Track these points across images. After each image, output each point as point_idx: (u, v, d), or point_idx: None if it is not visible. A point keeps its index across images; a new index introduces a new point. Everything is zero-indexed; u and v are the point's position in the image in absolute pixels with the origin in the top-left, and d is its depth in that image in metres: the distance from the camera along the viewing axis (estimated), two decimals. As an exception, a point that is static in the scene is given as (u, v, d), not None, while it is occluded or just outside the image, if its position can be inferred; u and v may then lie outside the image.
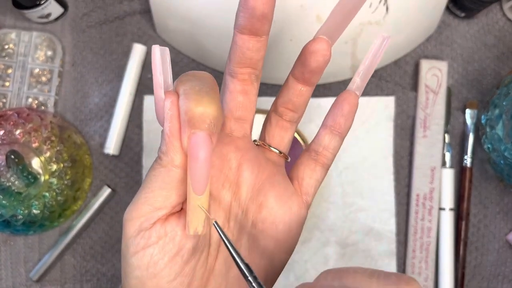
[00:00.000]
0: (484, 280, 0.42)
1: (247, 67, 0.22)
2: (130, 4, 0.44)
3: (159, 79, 0.20)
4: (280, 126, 0.25)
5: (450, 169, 0.43)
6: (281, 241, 0.24)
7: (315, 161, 0.25)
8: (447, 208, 0.42)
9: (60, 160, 0.40)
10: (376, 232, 0.43)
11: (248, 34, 0.21)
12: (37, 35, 0.44)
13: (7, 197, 0.38)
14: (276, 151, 0.25)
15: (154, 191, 0.21)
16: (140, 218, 0.21)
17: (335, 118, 0.25)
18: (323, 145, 0.25)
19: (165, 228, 0.21)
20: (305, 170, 0.25)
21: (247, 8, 0.20)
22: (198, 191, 0.20)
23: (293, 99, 0.24)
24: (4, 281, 0.42)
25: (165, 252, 0.21)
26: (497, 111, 0.38)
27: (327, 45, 0.22)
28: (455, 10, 0.43)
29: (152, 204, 0.21)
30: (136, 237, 0.21)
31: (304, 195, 0.25)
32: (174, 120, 0.20)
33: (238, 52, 0.22)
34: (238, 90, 0.23)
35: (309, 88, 0.24)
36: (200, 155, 0.19)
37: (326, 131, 0.25)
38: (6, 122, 0.39)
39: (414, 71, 0.44)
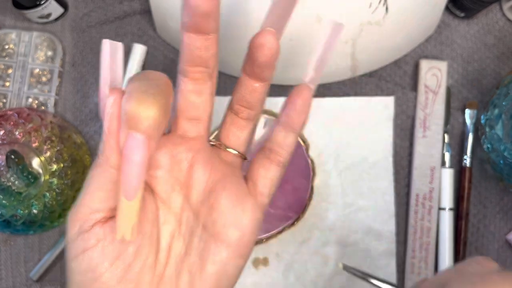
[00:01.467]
0: (484, 280, 0.42)
1: (198, 66, 0.21)
2: (130, 4, 0.44)
3: (105, 75, 0.20)
4: (235, 125, 0.24)
5: (449, 169, 0.43)
6: (233, 245, 0.23)
7: (270, 160, 0.24)
8: (446, 208, 0.42)
9: (60, 160, 0.40)
10: (376, 232, 0.43)
11: (194, 32, 0.20)
12: (37, 35, 0.44)
13: (7, 197, 0.38)
14: (233, 151, 0.25)
15: (91, 192, 0.20)
16: (79, 220, 0.20)
17: (289, 114, 0.23)
18: (278, 143, 0.24)
19: (104, 231, 0.20)
20: (259, 170, 0.24)
21: (189, 6, 0.19)
22: (128, 195, 0.18)
23: (247, 96, 0.23)
24: (4, 281, 0.43)
25: (105, 256, 0.20)
26: (496, 111, 0.38)
27: (274, 37, 0.20)
28: (455, 10, 0.43)
29: (90, 206, 0.20)
30: (76, 240, 0.20)
31: (259, 196, 0.24)
32: (114, 119, 0.19)
33: (187, 51, 0.21)
34: (190, 89, 0.22)
35: (262, 83, 0.23)
36: (134, 158, 0.18)
37: (280, 128, 0.24)
38: (6, 122, 0.39)
39: (414, 71, 0.44)
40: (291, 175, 0.42)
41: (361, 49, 0.40)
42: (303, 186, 0.42)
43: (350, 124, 0.43)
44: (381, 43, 0.40)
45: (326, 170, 0.43)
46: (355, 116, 0.43)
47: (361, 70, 0.43)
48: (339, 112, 0.43)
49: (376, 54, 0.42)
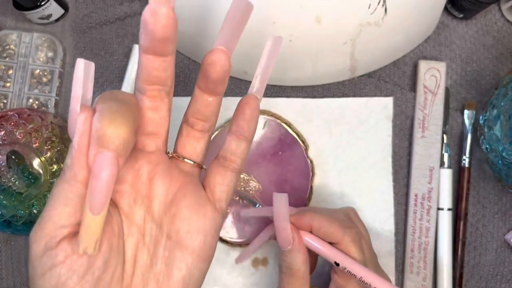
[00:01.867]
0: (483, 280, 0.43)
1: (155, 84, 0.22)
2: (130, 5, 0.44)
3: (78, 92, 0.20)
4: (191, 137, 0.25)
5: (448, 169, 0.43)
6: (197, 250, 0.24)
7: (224, 168, 0.25)
8: (445, 208, 0.42)
9: (61, 161, 0.40)
10: (375, 232, 0.43)
11: (152, 54, 0.21)
12: (38, 36, 0.44)
13: (8, 197, 0.38)
14: (190, 162, 0.26)
15: (57, 208, 0.20)
16: (46, 237, 0.20)
17: (239, 123, 0.25)
18: (230, 151, 0.25)
19: (72, 246, 0.20)
20: (215, 177, 0.25)
21: (146, 30, 0.20)
22: (94, 211, 0.19)
23: (202, 109, 0.24)
24: (5, 280, 0.43)
25: (73, 271, 0.20)
26: (495, 111, 0.38)
27: (225, 55, 0.22)
28: (454, 11, 0.44)
29: (56, 222, 0.20)
30: (43, 257, 0.20)
31: (217, 202, 0.25)
32: (85, 135, 0.20)
33: (144, 71, 0.22)
34: (148, 106, 0.23)
35: (216, 97, 0.24)
36: (102, 175, 0.18)
37: (232, 137, 0.25)
38: (7, 123, 0.39)
39: (413, 72, 0.44)
40: (291, 176, 0.42)
41: (360, 49, 0.40)
42: (303, 186, 0.42)
43: (349, 125, 0.44)
44: (380, 44, 0.40)
45: (325, 170, 0.43)
46: (354, 116, 0.44)
47: (360, 71, 0.43)
48: (339, 112, 0.44)
49: (375, 54, 0.42)
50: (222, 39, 0.22)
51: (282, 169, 0.42)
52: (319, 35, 0.38)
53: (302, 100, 0.44)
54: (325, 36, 0.38)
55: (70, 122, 0.21)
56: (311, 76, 0.43)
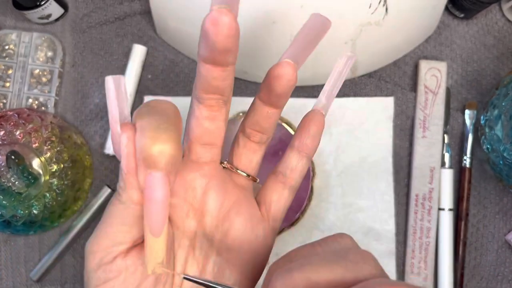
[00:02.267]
0: (483, 280, 0.43)
1: (214, 94, 0.21)
2: (130, 5, 0.44)
3: (114, 112, 0.20)
4: (248, 148, 0.24)
5: (449, 169, 0.43)
6: (247, 270, 0.23)
7: (283, 184, 0.24)
8: (446, 208, 0.42)
9: (61, 161, 0.40)
10: (376, 232, 0.43)
11: (212, 64, 0.20)
12: (38, 36, 0.44)
13: (8, 197, 0.38)
14: (244, 174, 0.25)
15: (114, 226, 0.20)
16: (101, 252, 0.20)
17: (302, 140, 0.24)
18: (291, 168, 0.24)
19: (126, 262, 0.21)
20: (272, 195, 0.24)
21: (206, 40, 0.18)
22: (154, 233, 0.19)
23: (260, 121, 0.23)
24: (4, 281, 0.43)
25: (126, 286, 0.20)
26: (496, 111, 0.38)
27: (293, 69, 0.21)
28: (454, 11, 0.43)
29: (113, 239, 0.20)
30: (97, 271, 0.20)
31: (271, 222, 0.25)
32: (130, 157, 0.19)
33: (203, 81, 0.21)
34: (205, 116, 0.22)
35: (277, 110, 0.23)
36: (156, 196, 0.18)
37: (294, 153, 0.24)
38: (6, 123, 0.39)
39: (413, 72, 0.44)
40: (291, 176, 0.42)
41: (361, 49, 0.40)
42: (303, 186, 0.42)
43: (349, 125, 0.43)
44: (380, 44, 0.40)
45: (325, 170, 0.43)
46: (354, 116, 0.43)
47: (361, 71, 0.43)
48: (339, 112, 0.44)
49: (376, 54, 0.42)
50: (292, 52, 0.21)
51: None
52: (319, 34, 0.38)
53: (303, 100, 0.44)
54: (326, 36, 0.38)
55: (114, 144, 0.20)
56: (311, 75, 0.43)
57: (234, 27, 0.18)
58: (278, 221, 0.25)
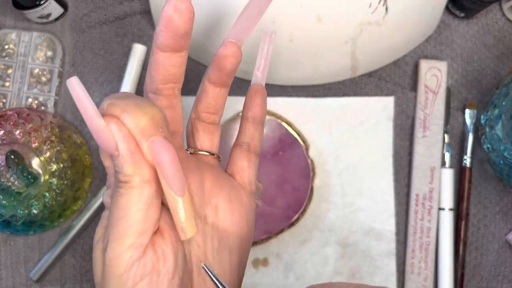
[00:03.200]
0: (484, 280, 0.42)
1: (170, 82, 0.23)
2: (130, 5, 0.44)
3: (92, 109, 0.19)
4: (207, 131, 0.27)
5: (449, 169, 0.43)
6: (242, 233, 0.26)
7: (249, 152, 0.27)
8: (446, 208, 0.42)
9: (60, 160, 0.40)
10: (376, 232, 0.43)
11: (172, 51, 0.22)
12: (37, 35, 0.44)
13: (7, 197, 0.38)
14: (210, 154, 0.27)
15: (132, 216, 0.20)
16: (129, 249, 0.20)
17: (253, 110, 0.27)
18: (251, 135, 0.27)
19: (157, 253, 0.21)
20: (242, 163, 0.27)
21: (169, 27, 0.20)
22: (179, 192, 0.19)
23: (213, 102, 0.26)
24: (4, 281, 0.43)
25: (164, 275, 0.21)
26: (496, 111, 0.38)
27: (238, 47, 0.23)
28: (455, 10, 0.43)
29: (136, 231, 0.20)
30: (130, 270, 0.20)
31: (248, 186, 0.27)
32: (129, 138, 0.19)
33: (162, 70, 0.22)
34: (165, 105, 0.24)
35: (226, 89, 0.26)
36: (167, 158, 0.19)
37: (249, 124, 0.28)
38: (6, 122, 0.39)
39: (414, 71, 0.44)
40: (291, 175, 0.42)
41: (361, 49, 0.40)
42: (303, 186, 0.42)
43: (350, 124, 0.43)
44: (381, 43, 0.40)
45: (326, 170, 0.43)
46: (355, 116, 0.43)
47: (361, 70, 0.43)
48: (339, 112, 0.43)
49: (376, 54, 0.42)
50: (235, 31, 0.23)
51: (283, 169, 0.42)
52: (319, 34, 0.38)
53: (303, 99, 0.44)
54: (326, 36, 0.38)
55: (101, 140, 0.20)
56: (311, 75, 0.43)
57: (192, 11, 0.20)
58: (253, 183, 0.28)
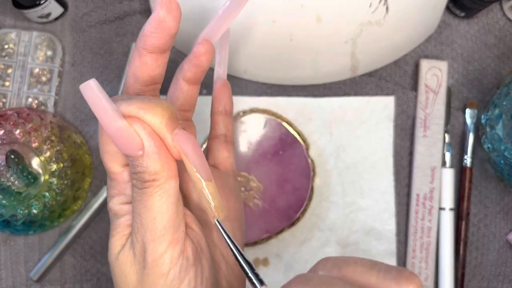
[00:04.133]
0: (484, 280, 0.42)
1: (153, 84, 0.23)
2: (130, 4, 0.44)
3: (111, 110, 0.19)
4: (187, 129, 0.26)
5: (450, 169, 0.43)
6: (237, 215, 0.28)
7: (226, 142, 0.30)
8: (447, 208, 0.42)
9: (60, 160, 0.40)
10: (376, 232, 0.43)
11: (158, 52, 0.22)
12: (37, 35, 0.44)
13: (7, 197, 0.38)
14: None
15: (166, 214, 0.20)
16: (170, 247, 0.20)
17: (223, 103, 0.29)
18: (226, 127, 0.30)
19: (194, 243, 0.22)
20: (223, 153, 0.29)
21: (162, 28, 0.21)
22: (208, 176, 0.20)
23: (189, 99, 0.27)
24: (4, 281, 0.42)
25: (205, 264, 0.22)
26: (497, 111, 0.38)
27: (211, 45, 0.25)
28: (455, 10, 0.43)
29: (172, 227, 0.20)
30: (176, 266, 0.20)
31: (232, 172, 0.30)
32: (154, 135, 0.19)
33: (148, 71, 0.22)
34: None
35: (198, 86, 0.27)
36: (192, 148, 0.20)
37: (221, 116, 0.30)
38: (6, 122, 0.39)
39: (414, 71, 0.44)
40: (292, 175, 0.42)
41: (361, 49, 0.40)
42: (304, 186, 0.42)
43: (350, 124, 0.43)
44: (381, 43, 0.40)
45: (326, 170, 0.43)
46: (355, 116, 0.43)
47: (361, 70, 0.43)
48: (340, 112, 0.43)
49: (376, 54, 0.42)
50: (208, 32, 0.25)
51: (283, 169, 0.42)
52: (319, 34, 0.38)
53: (303, 99, 0.43)
54: (326, 35, 0.38)
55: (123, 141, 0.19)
56: (311, 75, 0.43)
57: (180, 10, 0.21)
58: (235, 171, 0.30)
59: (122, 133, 0.19)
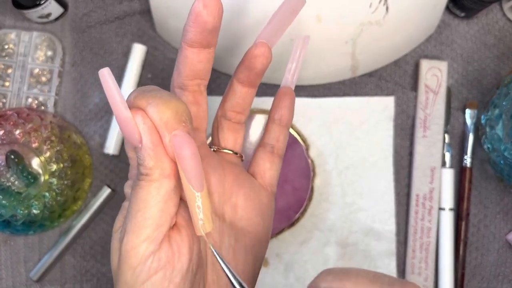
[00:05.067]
0: (484, 280, 0.42)
1: (197, 79, 0.23)
2: (130, 4, 0.44)
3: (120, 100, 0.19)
4: (232, 130, 0.27)
5: (450, 169, 0.43)
6: (258, 234, 0.26)
7: (272, 154, 0.27)
8: (447, 208, 0.42)
9: (60, 160, 0.40)
10: (376, 232, 0.43)
11: (200, 47, 0.22)
12: (37, 35, 0.44)
13: (7, 197, 0.38)
14: (233, 153, 0.27)
15: (150, 209, 0.20)
16: (145, 242, 0.20)
17: (280, 112, 0.27)
18: (276, 138, 0.27)
19: (172, 248, 0.21)
20: (265, 164, 0.27)
21: (198, 22, 0.21)
22: (198, 187, 0.20)
23: (240, 101, 0.26)
24: (4, 281, 0.42)
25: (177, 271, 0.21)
26: (497, 111, 0.38)
27: (268, 48, 0.24)
28: (455, 10, 0.43)
29: (153, 224, 0.20)
30: (145, 263, 0.20)
31: (269, 187, 0.27)
32: (153, 130, 0.20)
33: (189, 65, 0.23)
34: (190, 101, 0.24)
35: (253, 90, 0.26)
36: (188, 152, 0.19)
37: (275, 125, 0.27)
38: (6, 122, 0.39)
39: (414, 71, 0.44)
40: (292, 176, 0.42)
41: (361, 49, 0.40)
42: (303, 186, 0.42)
43: (350, 124, 0.43)
44: (381, 43, 0.40)
45: (326, 170, 0.43)
46: (355, 116, 0.43)
47: (361, 70, 0.43)
48: (339, 112, 0.43)
49: (376, 54, 0.42)
50: (266, 32, 0.24)
51: (283, 169, 0.42)
52: (319, 34, 0.38)
53: (303, 99, 0.43)
54: (326, 36, 0.38)
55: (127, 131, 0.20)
56: (311, 75, 0.43)
57: (221, 7, 0.21)
58: (274, 186, 0.28)
59: (126, 123, 0.19)
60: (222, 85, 0.44)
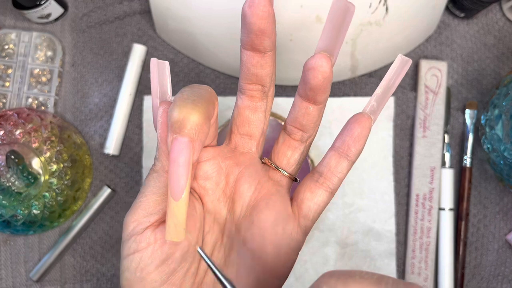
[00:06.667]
0: (484, 280, 0.42)
1: (255, 84, 0.23)
2: (130, 4, 0.44)
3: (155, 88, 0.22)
4: (287, 145, 0.24)
5: (449, 169, 0.43)
6: (270, 264, 0.23)
7: (318, 184, 0.23)
8: (446, 208, 0.42)
9: (60, 160, 0.40)
10: (376, 232, 0.43)
11: (251, 50, 0.21)
12: (37, 36, 0.44)
13: (7, 197, 0.38)
14: (282, 171, 0.24)
15: (147, 196, 0.22)
16: (134, 222, 0.21)
17: (344, 140, 0.22)
18: (329, 168, 0.23)
19: (155, 235, 0.21)
20: (306, 192, 0.23)
21: (245, 23, 0.20)
22: (175, 195, 0.19)
23: (300, 117, 0.23)
24: (4, 281, 0.43)
25: (153, 259, 0.21)
26: (496, 111, 0.38)
27: (327, 60, 0.20)
28: (455, 10, 0.43)
29: (145, 209, 0.21)
30: (129, 240, 0.21)
31: (301, 219, 0.23)
32: (164, 127, 0.21)
33: (244, 68, 0.22)
34: (246, 105, 0.23)
35: (316, 107, 0.22)
36: (180, 160, 0.19)
37: (333, 153, 0.23)
38: (6, 122, 0.39)
39: (414, 71, 0.44)
40: (291, 175, 0.42)
41: (361, 49, 0.40)
42: (303, 186, 0.42)
43: (350, 124, 0.43)
44: (381, 43, 0.40)
45: (326, 170, 0.43)
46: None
47: (361, 70, 0.43)
48: (339, 112, 0.43)
49: (376, 54, 0.42)
50: (323, 42, 0.21)
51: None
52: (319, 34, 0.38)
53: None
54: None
55: (153, 118, 0.22)
56: (311, 75, 0.42)
57: (267, 10, 0.20)
58: (310, 220, 0.24)
59: (154, 110, 0.21)
60: (222, 85, 0.44)
